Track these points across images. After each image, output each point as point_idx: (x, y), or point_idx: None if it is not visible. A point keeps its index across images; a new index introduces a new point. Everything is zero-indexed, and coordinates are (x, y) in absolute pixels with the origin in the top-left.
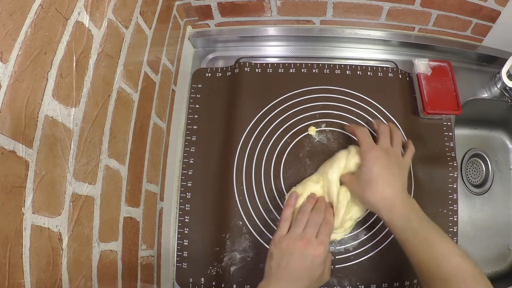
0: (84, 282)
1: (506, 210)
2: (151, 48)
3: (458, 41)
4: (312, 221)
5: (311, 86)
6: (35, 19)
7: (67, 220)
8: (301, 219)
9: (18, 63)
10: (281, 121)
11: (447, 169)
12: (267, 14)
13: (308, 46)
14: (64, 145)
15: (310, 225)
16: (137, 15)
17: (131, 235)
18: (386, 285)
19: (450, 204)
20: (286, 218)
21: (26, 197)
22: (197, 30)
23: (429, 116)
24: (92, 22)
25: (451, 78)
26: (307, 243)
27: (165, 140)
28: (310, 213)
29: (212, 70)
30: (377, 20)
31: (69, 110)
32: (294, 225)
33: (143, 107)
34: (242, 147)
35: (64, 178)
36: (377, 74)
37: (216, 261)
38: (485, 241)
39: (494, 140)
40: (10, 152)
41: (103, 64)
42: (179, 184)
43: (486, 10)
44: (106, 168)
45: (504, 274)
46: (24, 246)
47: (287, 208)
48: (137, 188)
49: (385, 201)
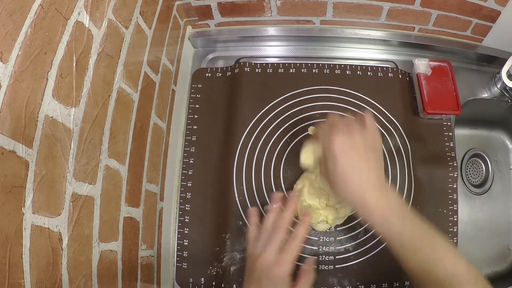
0: (84, 282)
1: (506, 210)
2: (151, 48)
3: (458, 41)
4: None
5: (311, 86)
6: (35, 19)
7: (67, 220)
8: (262, 238)
9: (18, 63)
10: (281, 121)
11: (447, 169)
12: (267, 14)
13: (308, 46)
14: (64, 145)
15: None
16: (137, 15)
17: (131, 235)
18: (386, 285)
19: (450, 204)
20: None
21: (26, 197)
22: (197, 30)
23: (429, 116)
24: (92, 22)
25: (451, 78)
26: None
27: (165, 140)
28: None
29: (212, 70)
30: (377, 20)
31: (69, 110)
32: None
33: (143, 107)
34: (242, 147)
35: (64, 178)
36: (377, 74)
37: (216, 261)
38: (485, 241)
39: (494, 140)
40: (10, 152)
41: (103, 64)
42: (179, 184)
43: (486, 10)
44: (106, 168)
45: (504, 274)
46: (24, 246)
47: (250, 228)
48: (137, 188)
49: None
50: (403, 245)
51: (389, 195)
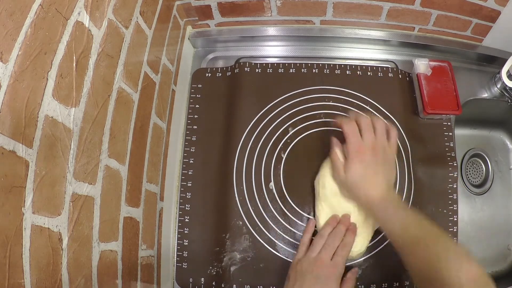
0: (84, 282)
1: (506, 210)
2: (151, 48)
3: (458, 41)
4: (327, 245)
5: (311, 86)
6: (35, 19)
7: (67, 220)
8: (317, 243)
9: (18, 63)
10: (281, 121)
11: (447, 169)
12: (267, 14)
13: (308, 46)
14: (64, 145)
15: (325, 248)
16: (137, 15)
17: (131, 235)
18: (386, 285)
19: (450, 204)
20: (304, 243)
21: (26, 197)
22: (197, 30)
23: (429, 116)
24: (92, 22)
25: (451, 78)
26: (320, 265)
27: (165, 140)
28: (327, 236)
29: (212, 70)
30: (377, 20)
31: (69, 110)
32: (310, 249)
33: (143, 107)
34: (242, 147)
35: (64, 178)
36: (377, 74)
37: (216, 261)
38: (485, 241)
39: (494, 140)
40: (10, 152)
41: (103, 64)
42: (179, 184)
43: (486, 10)
44: (106, 168)
45: (504, 274)
46: (24, 246)
47: (305, 234)
48: (137, 188)
49: (369, 203)
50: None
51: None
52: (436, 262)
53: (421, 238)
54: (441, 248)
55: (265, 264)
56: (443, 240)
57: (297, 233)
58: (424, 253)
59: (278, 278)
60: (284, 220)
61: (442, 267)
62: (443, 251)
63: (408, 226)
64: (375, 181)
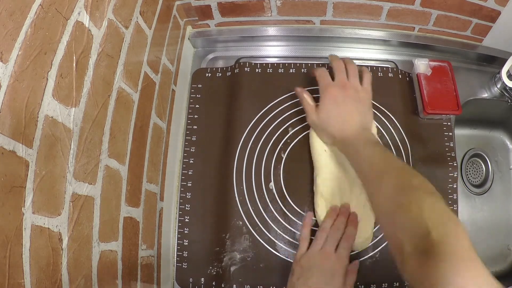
0: (84, 282)
1: (506, 210)
2: (151, 48)
3: (458, 41)
4: (330, 237)
5: (311, 86)
6: (35, 19)
7: (67, 220)
8: (320, 236)
9: (18, 63)
10: (281, 121)
11: (447, 169)
12: (267, 14)
13: (308, 46)
14: (64, 145)
15: (329, 241)
16: (137, 15)
17: (131, 235)
18: (386, 285)
19: (450, 204)
20: (304, 237)
21: (26, 197)
22: (197, 30)
23: (429, 116)
24: (92, 22)
25: (451, 78)
26: (325, 258)
27: (165, 140)
28: (329, 229)
29: (212, 70)
30: (377, 20)
31: (69, 110)
32: (313, 243)
33: (143, 107)
34: (242, 147)
35: (64, 178)
36: (377, 74)
37: (216, 261)
38: (485, 241)
39: (494, 140)
40: (10, 152)
41: (103, 64)
42: (179, 184)
43: (486, 10)
44: (106, 168)
45: (504, 274)
46: (24, 246)
47: (303, 228)
48: (137, 188)
49: (342, 140)
50: (371, 175)
51: (366, 136)
52: (398, 195)
53: (385, 172)
54: (403, 180)
55: (265, 264)
56: (405, 172)
57: (297, 233)
58: (387, 187)
59: (278, 278)
60: (284, 220)
61: (404, 200)
62: (406, 184)
63: (374, 161)
64: (349, 119)
